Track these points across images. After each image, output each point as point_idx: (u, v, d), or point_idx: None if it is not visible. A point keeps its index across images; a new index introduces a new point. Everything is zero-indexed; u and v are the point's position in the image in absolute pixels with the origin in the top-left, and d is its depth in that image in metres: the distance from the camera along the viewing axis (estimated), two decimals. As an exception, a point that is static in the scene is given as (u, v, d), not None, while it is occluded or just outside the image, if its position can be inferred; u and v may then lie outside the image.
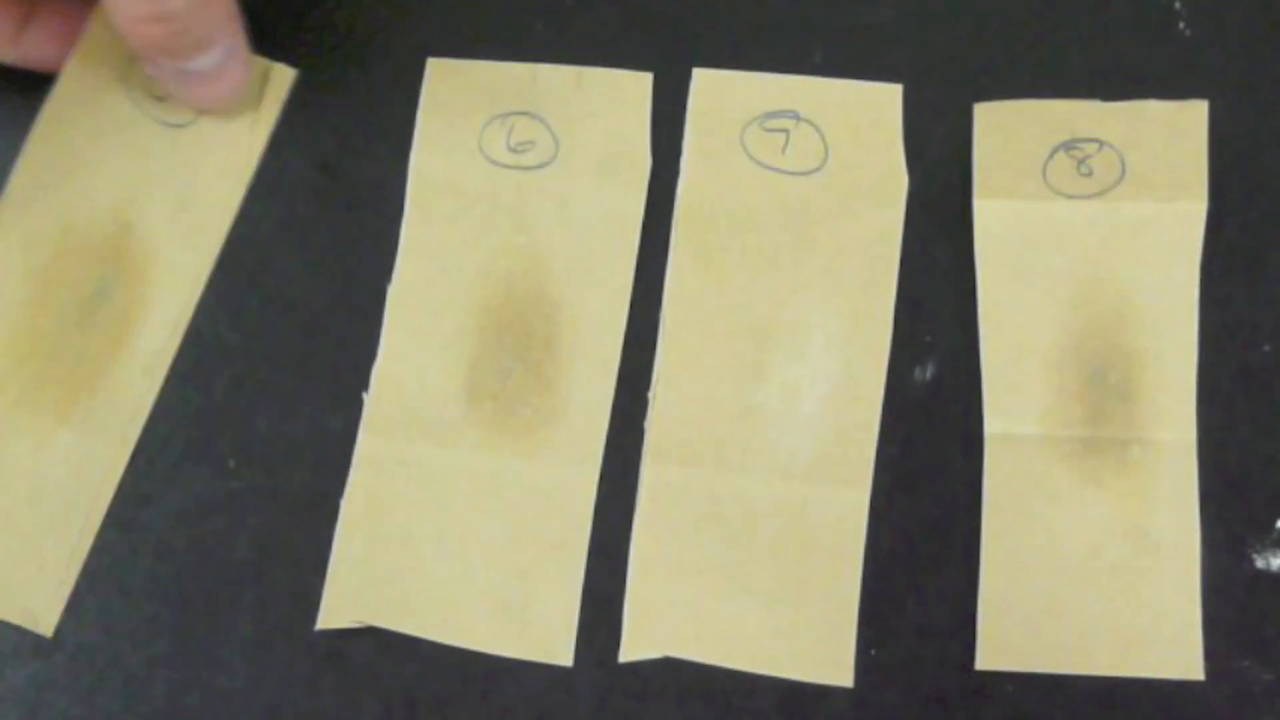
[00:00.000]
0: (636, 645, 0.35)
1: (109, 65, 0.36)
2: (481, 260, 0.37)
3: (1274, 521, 0.35)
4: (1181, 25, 0.37)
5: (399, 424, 0.36)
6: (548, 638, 0.35)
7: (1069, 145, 0.36)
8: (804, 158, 0.37)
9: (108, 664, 0.35)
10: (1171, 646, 0.34)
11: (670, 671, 0.35)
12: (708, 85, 0.37)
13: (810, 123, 0.37)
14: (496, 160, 0.37)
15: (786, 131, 0.37)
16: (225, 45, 0.35)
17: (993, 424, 0.35)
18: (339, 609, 0.35)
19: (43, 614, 0.35)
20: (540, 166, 0.37)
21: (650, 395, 0.36)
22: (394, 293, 0.37)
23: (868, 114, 0.37)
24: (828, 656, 0.34)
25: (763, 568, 0.35)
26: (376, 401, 0.36)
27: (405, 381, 0.36)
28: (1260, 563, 0.35)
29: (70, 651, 0.35)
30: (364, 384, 0.36)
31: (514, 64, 0.38)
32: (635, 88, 0.37)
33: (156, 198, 0.37)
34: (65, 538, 0.35)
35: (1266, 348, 0.36)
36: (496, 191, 0.37)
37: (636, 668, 0.35)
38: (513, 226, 0.37)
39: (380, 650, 0.35)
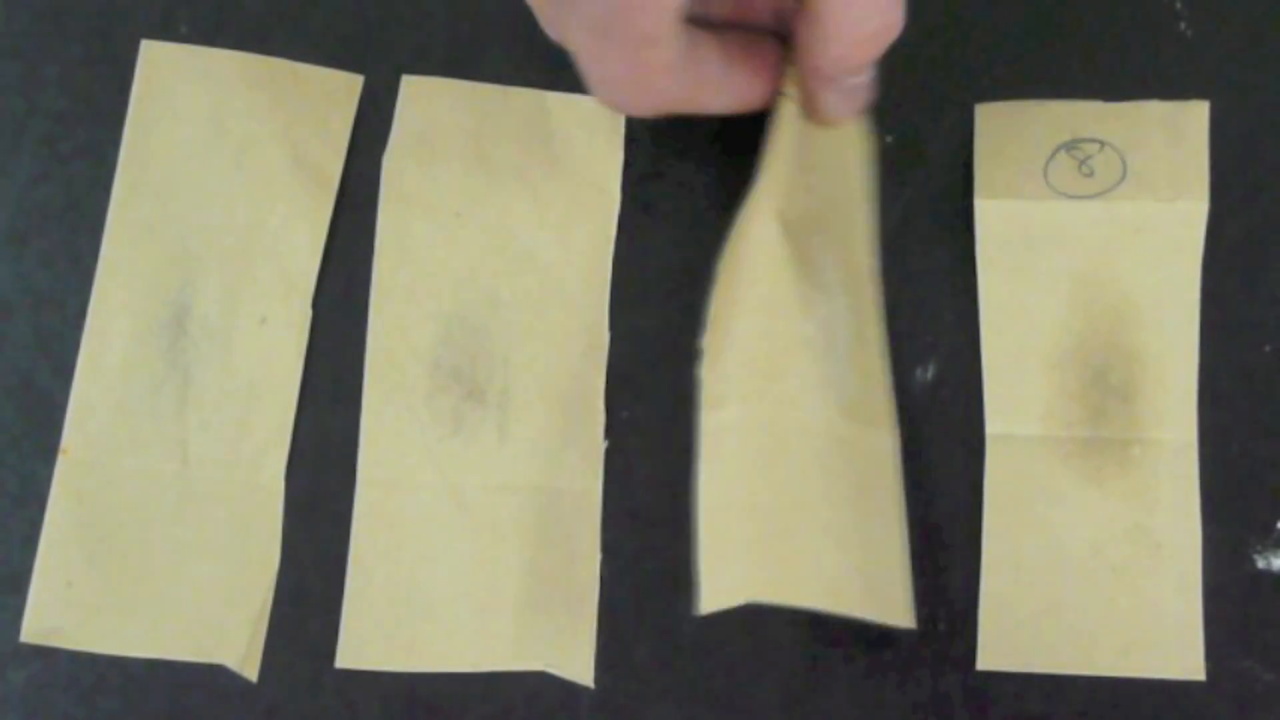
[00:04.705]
0: (716, 596, 0.32)
1: None
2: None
3: (1275, 522, 0.35)
4: (1182, 25, 0.37)
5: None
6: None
7: (1070, 145, 0.36)
8: None
9: (108, 664, 0.35)
10: (1172, 647, 0.34)
11: (670, 671, 0.35)
12: None
13: None
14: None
15: None
16: None
17: (994, 424, 0.35)
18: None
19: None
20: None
21: (702, 343, 0.34)
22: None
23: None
24: (889, 596, 0.33)
25: (829, 505, 0.33)
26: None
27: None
28: (1261, 563, 0.35)
29: (71, 651, 0.35)
30: (362, 384, 0.36)
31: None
32: None
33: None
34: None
35: (1267, 348, 0.36)
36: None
37: (637, 668, 0.35)
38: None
39: (381, 650, 0.35)
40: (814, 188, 0.35)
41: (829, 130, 0.35)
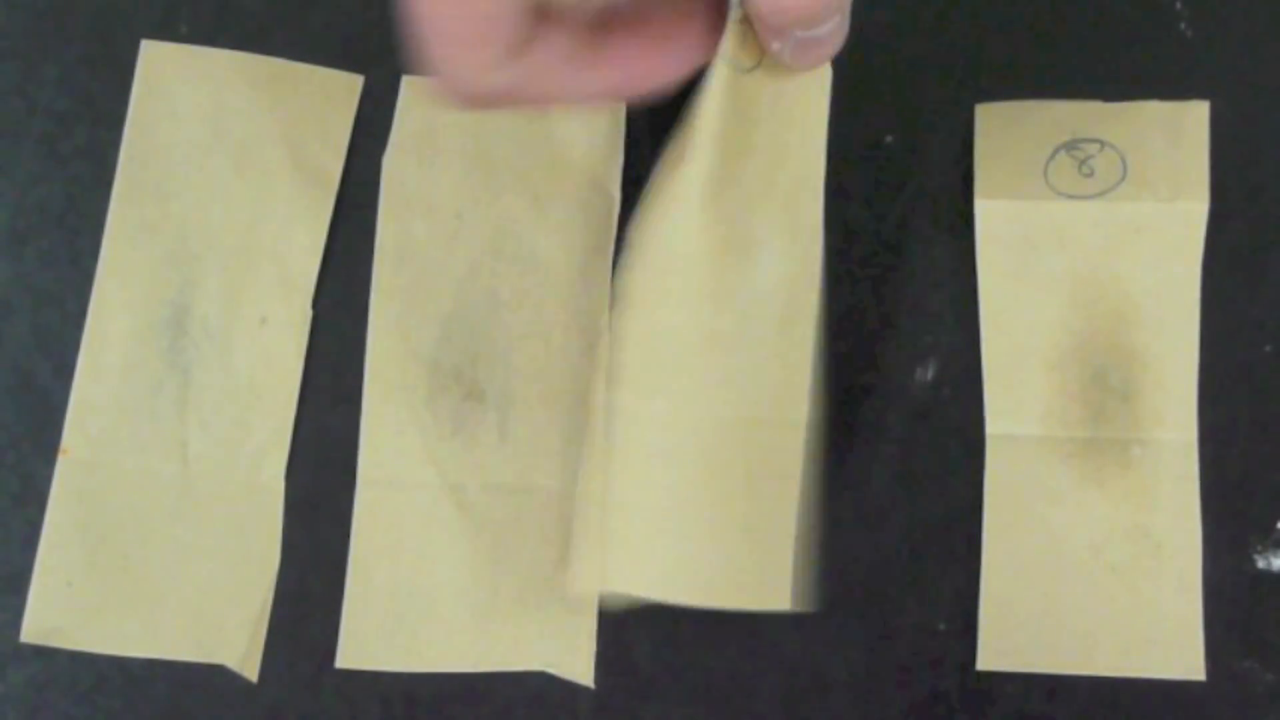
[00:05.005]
0: (622, 584, 0.32)
1: None
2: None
3: (1275, 522, 0.35)
4: (1182, 25, 0.37)
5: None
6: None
7: (1070, 145, 0.36)
8: None
9: (108, 664, 0.35)
10: (1173, 647, 0.34)
11: (670, 671, 0.35)
12: None
13: None
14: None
15: None
16: (846, 8, 0.31)
17: (994, 424, 0.35)
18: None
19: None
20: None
21: (609, 321, 0.33)
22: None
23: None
24: (772, 583, 0.32)
25: (716, 501, 0.32)
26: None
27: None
28: (1261, 563, 0.35)
29: (71, 651, 0.35)
30: (362, 384, 0.36)
31: None
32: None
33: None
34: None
35: (1267, 348, 0.36)
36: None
37: (636, 668, 0.35)
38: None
39: (381, 650, 0.35)
40: (760, 146, 0.33)
41: (786, 80, 0.32)
